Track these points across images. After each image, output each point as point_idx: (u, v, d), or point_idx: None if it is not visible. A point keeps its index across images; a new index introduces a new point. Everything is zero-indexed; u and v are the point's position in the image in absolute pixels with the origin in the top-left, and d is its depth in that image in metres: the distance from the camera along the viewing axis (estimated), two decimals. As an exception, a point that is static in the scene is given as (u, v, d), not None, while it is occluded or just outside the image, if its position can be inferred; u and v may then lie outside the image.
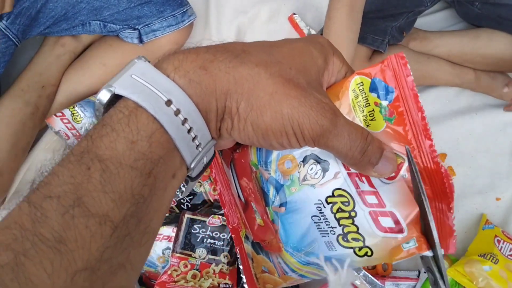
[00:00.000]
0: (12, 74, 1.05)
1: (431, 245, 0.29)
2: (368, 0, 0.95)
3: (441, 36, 1.10)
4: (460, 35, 1.08)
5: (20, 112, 1.00)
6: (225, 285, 0.90)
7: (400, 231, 0.29)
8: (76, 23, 1.01)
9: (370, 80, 0.29)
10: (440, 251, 0.28)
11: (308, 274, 0.32)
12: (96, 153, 0.22)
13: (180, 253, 0.92)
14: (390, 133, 0.29)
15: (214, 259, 0.92)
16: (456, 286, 0.95)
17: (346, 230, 0.29)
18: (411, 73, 0.28)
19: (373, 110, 0.29)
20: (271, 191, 0.33)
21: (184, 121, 0.24)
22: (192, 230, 0.94)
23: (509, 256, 0.93)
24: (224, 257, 0.92)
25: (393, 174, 0.28)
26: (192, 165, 0.25)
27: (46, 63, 1.05)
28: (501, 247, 0.95)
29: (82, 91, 1.08)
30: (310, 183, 0.30)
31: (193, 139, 0.25)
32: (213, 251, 0.93)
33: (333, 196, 0.29)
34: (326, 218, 0.30)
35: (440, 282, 0.28)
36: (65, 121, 1.02)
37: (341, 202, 0.29)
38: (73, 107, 1.03)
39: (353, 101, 0.29)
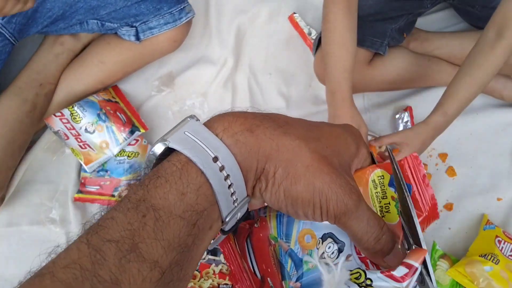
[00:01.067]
0: (11, 73, 1.04)
1: (415, 242, 0.29)
2: (367, 4, 0.94)
3: (442, 38, 1.09)
4: (461, 36, 1.08)
5: (17, 110, 0.99)
6: (225, 286, 0.90)
7: (412, 265, 0.29)
8: (73, 22, 1.01)
9: (390, 175, 0.31)
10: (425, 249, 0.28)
11: None
12: (151, 202, 0.24)
13: (180, 253, 0.91)
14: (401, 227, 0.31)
15: (214, 259, 0.92)
16: (457, 287, 0.94)
17: None
18: (421, 162, 0.31)
19: (389, 203, 0.31)
20: (289, 264, 0.33)
21: (227, 177, 0.26)
22: (192, 230, 0.93)
23: (510, 257, 0.93)
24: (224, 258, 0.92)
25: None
26: (227, 219, 0.27)
27: (45, 62, 1.05)
28: (502, 247, 0.94)
29: (80, 90, 1.07)
30: (326, 261, 0.31)
31: (232, 194, 0.27)
32: (213, 251, 0.92)
33: None
34: None
35: (427, 278, 0.28)
36: (64, 121, 1.02)
37: (354, 278, 0.30)
38: (72, 107, 1.03)
39: (371, 191, 0.31)
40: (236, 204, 0.27)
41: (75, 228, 1.05)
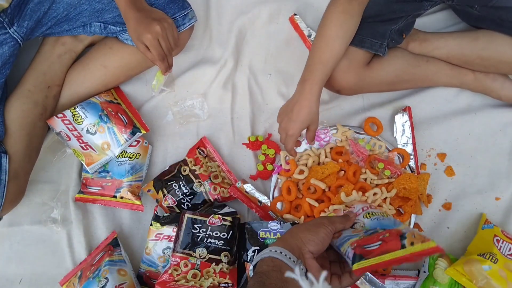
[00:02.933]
0: (14, 74, 1.05)
1: None
2: (367, 6, 0.95)
3: (440, 38, 1.09)
4: (460, 37, 1.08)
5: (30, 113, 1.00)
6: (225, 285, 0.90)
7: None
8: (77, 25, 1.02)
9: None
10: None
11: None
12: (259, 270, 0.64)
13: (181, 252, 0.92)
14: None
15: (215, 258, 0.92)
16: (455, 286, 0.95)
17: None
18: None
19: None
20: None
21: (285, 254, 0.64)
22: (193, 230, 0.94)
23: (508, 256, 0.94)
24: (225, 257, 0.93)
25: None
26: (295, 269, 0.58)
27: (49, 63, 1.06)
28: (501, 246, 0.95)
29: (83, 92, 1.08)
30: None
31: (289, 258, 0.64)
32: (213, 250, 0.93)
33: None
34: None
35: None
36: (66, 122, 1.03)
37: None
38: (74, 108, 1.03)
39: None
40: (295, 262, 0.64)
41: (76, 227, 1.05)
